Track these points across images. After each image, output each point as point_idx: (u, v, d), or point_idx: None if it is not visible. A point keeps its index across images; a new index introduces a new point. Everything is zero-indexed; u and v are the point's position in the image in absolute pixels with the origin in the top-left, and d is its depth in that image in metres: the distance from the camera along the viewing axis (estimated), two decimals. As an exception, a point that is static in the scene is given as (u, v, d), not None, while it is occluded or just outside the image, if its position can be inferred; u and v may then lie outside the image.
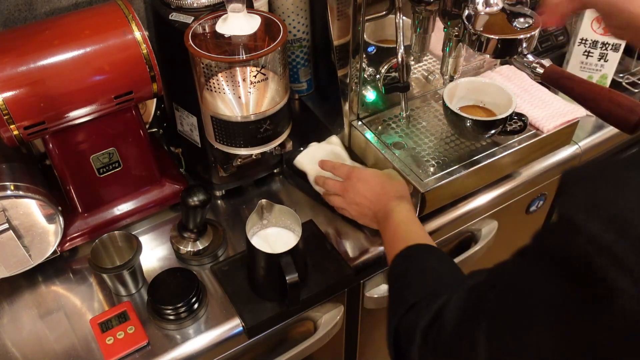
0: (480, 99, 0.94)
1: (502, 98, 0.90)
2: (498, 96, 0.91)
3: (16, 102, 0.69)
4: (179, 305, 0.77)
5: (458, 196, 0.95)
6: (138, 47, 0.75)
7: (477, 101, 0.94)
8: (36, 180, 0.78)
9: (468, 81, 0.93)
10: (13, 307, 0.82)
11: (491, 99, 0.93)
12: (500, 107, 0.91)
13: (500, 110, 0.90)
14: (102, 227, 0.88)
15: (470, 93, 0.94)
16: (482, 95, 0.93)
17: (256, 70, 0.74)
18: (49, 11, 0.88)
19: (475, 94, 0.94)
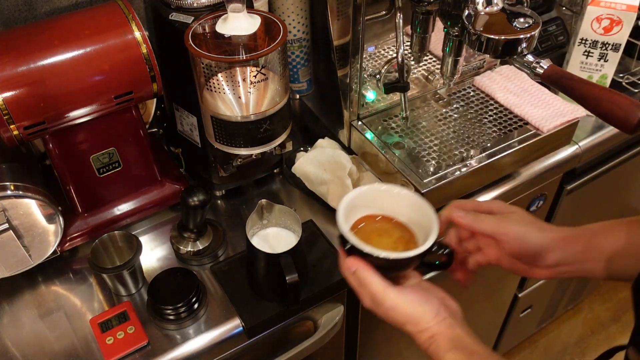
0: (394, 210, 0.65)
1: (422, 214, 0.63)
2: (416, 212, 0.63)
3: (16, 102, 0.69)
4: (179, 305, 0.77)
5: (458, 196, 0.95)
6: (138, 47, 0.75)
7: (391, 211, 0.65)
8: (36, 180, 0.78)
9: (373, 190, 0.65)
10: (13, 307, 0.82)
11: (407, 214, 0.65)
12: (420, 225, 0.63)
13: (421, 229, 0.62)
14: (102, 227, 0.88)
15: (377, 202, 0.65)
16: (396, 207, 0.65)
17: (256, 70, 0.74)
18: (49, 11, 0.88)
19: (385, 203, 0.66)
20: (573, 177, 1.19)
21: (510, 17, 0.78)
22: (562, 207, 1.25)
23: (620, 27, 1.07)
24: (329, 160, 0.95)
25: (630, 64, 1.22)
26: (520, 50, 0.78)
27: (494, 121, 1.00)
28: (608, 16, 1.06)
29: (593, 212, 1.40)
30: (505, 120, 1.00)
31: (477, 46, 0.79)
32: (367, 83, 0.99)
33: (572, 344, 1.88)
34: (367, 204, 0.64)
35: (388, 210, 0.65)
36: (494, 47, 0.78)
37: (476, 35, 0.78)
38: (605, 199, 1.39)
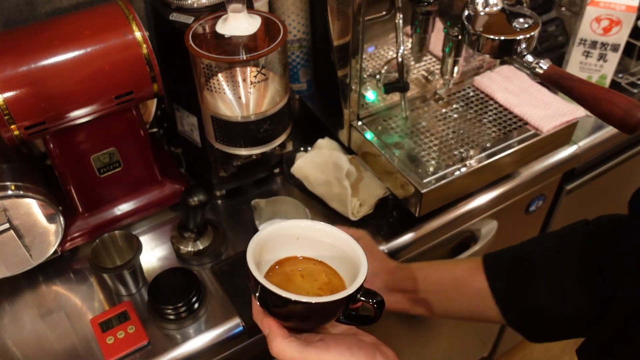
0: (319, 250, 0.56)
1: (349, 254, 0.54)
2: (344, 252, 0.55)
3: (17, 102, 0.69)
4: (179, 305, 0.77)
5: (458, 196, 0.95)
6: (138, 47, 0.75)
7: (316, 252, 0.56)
8: (37, 180, 0.79)
9: (293, 226, 0.56)
10: (14, 307, 0.82)
11: (335, 254, 0.56)
12: (348, 268, 0.54)
13: (349, 273, 0.54)
14: (103, 227, 0.89)
15: (299, 241, 0.57)
16: (322, 246, 0.56)
17: (256, 70, 0.74)
18: (49, 11, 0.89)
19: (308, 242, 0.57)
20: (572, 177, 1.19)
21: (509, 18, 0.78)
22: (562, 207, 1.25)
23: (620, 27, 1.07)
24: (326, 161, 0.95)
25: (629, 64, 1.22)
26: (519, 50, 0.78)
27: (493, 121, 1.00)
28: (607, 17, 1.06)
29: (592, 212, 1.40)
30: (505, 121, 1.00)
31: (477, 46, 0.79)
32: (367, 83, 0.99)
33: (571, 344, 1.88)
34: (287, 243, 0.55)
35: (312, 250, 0.56)
36: (493, 48, 0.78)
37: (476, 36, 0.78)
38: (604, 199, 1.39)
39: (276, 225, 0.55)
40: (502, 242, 1.10)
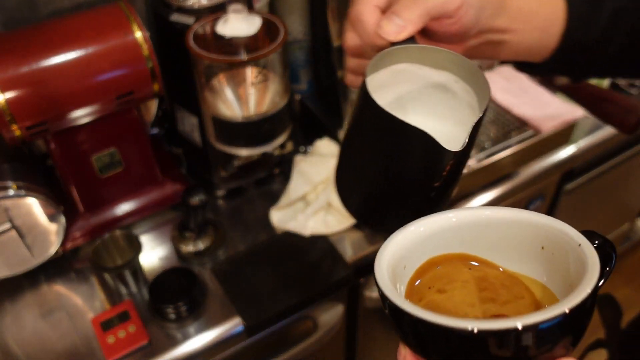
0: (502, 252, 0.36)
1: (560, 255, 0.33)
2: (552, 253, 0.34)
3: (18, 102, 0.70)
4: (179, 305, 0.77)
5: (457, 196, 0.96)
6: (139, 47, 0.75)
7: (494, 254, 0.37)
8: (38, 180, 0.79)
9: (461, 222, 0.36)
10: (15, 307, 0.83)
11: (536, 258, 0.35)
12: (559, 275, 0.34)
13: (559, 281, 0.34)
14: (104, 227, 0.89)
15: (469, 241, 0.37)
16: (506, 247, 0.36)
17: (257, 71, 0.74)
18: (50, 12, 0.89)
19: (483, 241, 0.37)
20: (571, 177, 1.20)
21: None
22: (561, 207, 1.25)
23: (619, 28, 1.07)
24: (322, 180, 0.93)
25: (628, 64, 1.23)
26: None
27: (492, 121, 1.00)
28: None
29: (591, 212, 1.41)
30: (504, 121, 1.00)
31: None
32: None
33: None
34: (444, 245, 0.36)
35: (489, 251, 0.36)
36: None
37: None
38: (603, 199, 1.39)
39: (425, 220, 0.35)
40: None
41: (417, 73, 0.42)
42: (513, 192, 1.04)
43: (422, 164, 0.38)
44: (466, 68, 0.40)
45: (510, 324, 0.26)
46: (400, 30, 0.39)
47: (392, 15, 0.39)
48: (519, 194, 1.06)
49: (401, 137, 0.36)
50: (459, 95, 0.42)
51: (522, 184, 1.04)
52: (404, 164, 0.38)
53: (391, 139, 0.37)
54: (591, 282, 0.28)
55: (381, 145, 0.38)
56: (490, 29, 0.45)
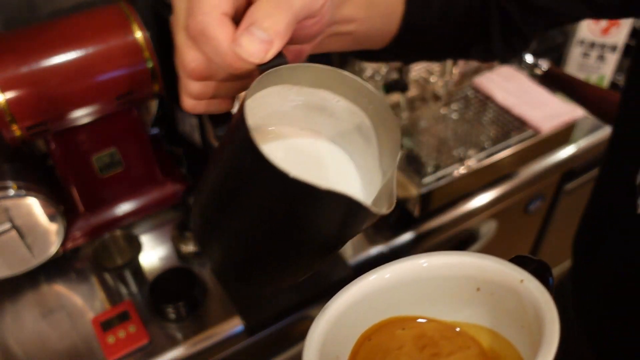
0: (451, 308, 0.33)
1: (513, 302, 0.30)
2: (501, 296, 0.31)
3: (18, 102, 0.70)
4: (179, 304, 0.77)
5: (457, 196, 0.96)
6: (139, 48, 0.75)
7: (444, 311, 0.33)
8: (39, 180, 0.79)
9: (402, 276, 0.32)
10: (16, 306, 0.83)
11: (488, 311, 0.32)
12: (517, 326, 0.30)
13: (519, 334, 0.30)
14: (104, 227, 0.89)
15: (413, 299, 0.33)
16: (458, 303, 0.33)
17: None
18: (50, 12, 0.89)
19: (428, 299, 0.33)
20: (571, 177, 1.20)
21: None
22: (561, 207, 1.25)
23: (618, 28, 1.07)
24: None
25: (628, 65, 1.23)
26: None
27: (492, 121, 1.00)
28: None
29: (591, 212, 1.41)
30: (504, 121, 1.00)
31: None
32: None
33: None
34: (372, 314, 0.32)
35: (422, 306, 0.33)
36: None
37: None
38: (603, 199, 1.40)
39: (367, 278, 0.32)
40: (502, 242, 1.11)
41: (287, 96, 0.34)
42: (513, 192, 1.04)
43: (336, 229, 0.30)
44: (351, 86, 0.33)
45: None
46: (267, 48, 0.30)
47: (252, 29, 0.29)
48: (519, 194, 1.06)
49: (311, 204, 0.27)
50: (339, 116, 0.34)
51: (522, 184, 1.04)
52: (308, 231, 0.30)
53: (298, 207, 0.28)
54: (554, 334, 0.25)
55: (279, 212, 0.29)
56: (338, 21, 0.41)
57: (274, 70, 0.30)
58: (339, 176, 0.34)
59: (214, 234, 0.33)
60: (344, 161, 0.35)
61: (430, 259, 0.31)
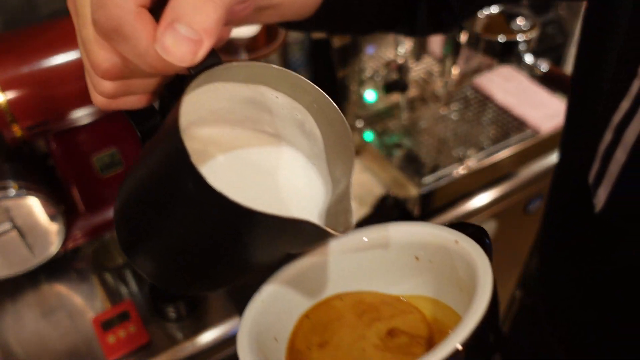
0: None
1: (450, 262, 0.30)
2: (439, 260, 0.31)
3: (19, 102, 0.70)
4: (180, 304, 0.77)
5: (457, 196, 0.96)
6: (140, 48, 0.75)
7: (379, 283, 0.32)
8: (39, 180, 0.79)
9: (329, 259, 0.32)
10: (16, 306, 0.83)
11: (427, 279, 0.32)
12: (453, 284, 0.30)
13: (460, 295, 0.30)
14: (105, 227, 0.89)
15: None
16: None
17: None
18: (51, 12, 0.89)
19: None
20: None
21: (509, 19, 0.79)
22: (560, 207, 1.25)
23: (618, 28, 1.07)
24: None
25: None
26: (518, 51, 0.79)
27: (492, 122, 1.00)
28: (606, 17, 1.07)
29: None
30: (503, 121, 1.00)
31: (476, 47, 0.79)
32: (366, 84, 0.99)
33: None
34: (310, 294, 0.32)
35: (362, 282, 0.32)
36: (493, 49, 0.79)
37: (475, 37, 0.79)
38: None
39: (301, 262, 0.31)
40: (501, 242, 1.11)
41: (221, 92, 0.30)
42: (513, 192, 1.04)
43: (282, 247, 0.28)
44: (292, 83, 0.31)
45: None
46: (196, 49, 0.25)
47: (176, 25, 0.24)
48: (518, 194, 1.07)
49: (257, 228, 0.24)
50: (278, 113, 0.32)
51: (521, 184, 1.04)
52: (253, 250, 0.27)
53: (240, 230, 0.25)
54: (487, 285, 0.25)
55: (216, 233, 0.26)
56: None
57: (208, 73, 0.26)
58: (285, 185, 0.30)
59: (136, 236, 0.30)
60: (288, 164, 0.31)
61: (369, 233, 0.30)
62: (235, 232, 0.24)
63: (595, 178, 0.46)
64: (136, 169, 0.29)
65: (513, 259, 1.09)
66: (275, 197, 0.28)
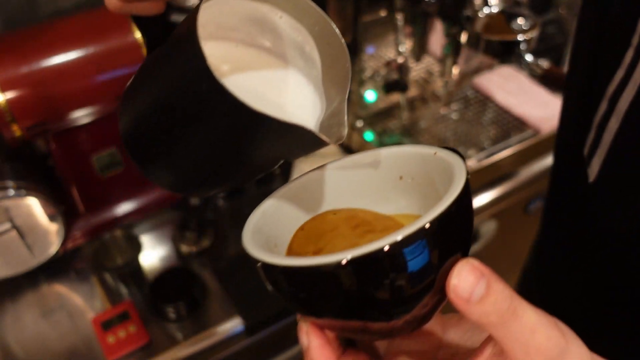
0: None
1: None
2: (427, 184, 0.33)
3: (19, 102, 0.70)
4: (180, 304, 0.77)
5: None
6: (139, 48, 0.75)
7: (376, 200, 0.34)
8: (39, 180, 0.79)
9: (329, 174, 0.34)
10: (16, 307, 0.83)
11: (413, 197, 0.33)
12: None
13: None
14: (104, 227, 0.89)
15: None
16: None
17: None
18: (51, 12, 0.89)
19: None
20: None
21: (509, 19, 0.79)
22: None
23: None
24: None
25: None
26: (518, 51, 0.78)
27: (492, 122, 1.00)
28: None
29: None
30: (504, 121, 1.00)
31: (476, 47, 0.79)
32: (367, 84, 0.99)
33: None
34: (306, 209, 0.33)
35: (352, 202, 0.34)
36: (493, 49, 0.79)
37: (475, 37, 0.79)
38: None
39: (299, 179, 0.33)
40: (502, 242, 1.11)
41: (225, 8, 0.31)
42: (513, 192, 1.04)
43: (284, 152, 0.30)
44: (296, 4, 0.31)
45: (378, 244, 0.23)
46: None
47: None
48: (519, 194, 1.06)
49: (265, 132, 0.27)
50: (280, 32, 0.32)
51: (521, 184, 1.04)
52: (255, 153, 0.29)
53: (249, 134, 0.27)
54: (461, 175, 0.28)
55: (227, 138, 0.28)
56: None
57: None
58: (285, 99, 0.32)
59: (149, 146, 0.32)
60: (288, 81, 0.33)
61: (360, 155, 0.33)
62: (244, 134, 0.27)
63: (590, 148, 0.47)
64: (145, 79, 0.31)
65: (513, 259, 1.09)
66: (278, 108, 0.30)
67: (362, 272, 0.24)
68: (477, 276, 0.24)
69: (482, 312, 0.23)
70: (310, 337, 0.27)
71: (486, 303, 0.23)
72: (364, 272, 0.24)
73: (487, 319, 0.23)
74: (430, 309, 0.27)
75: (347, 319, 0.26)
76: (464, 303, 0.23)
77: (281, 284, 0.27)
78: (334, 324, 0.27)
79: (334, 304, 0.25)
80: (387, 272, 0.24)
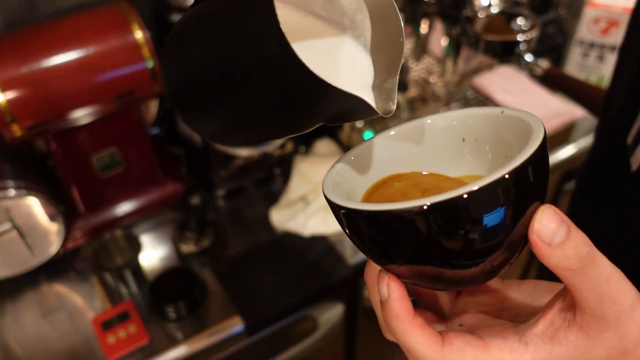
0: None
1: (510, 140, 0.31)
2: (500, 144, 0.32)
3: (19, 103, 0.70)
4: (180, 304, 0.77)
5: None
6: (140, 48, 0.75)
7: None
8: (39, 180, 0.79)
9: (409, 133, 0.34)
10: (16, 306, 0.83)
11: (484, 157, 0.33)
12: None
13: None
14: (104, 227, 0.89)
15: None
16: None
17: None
18: (51, 12, 0.89)
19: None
20: (571, 177, 1.20)
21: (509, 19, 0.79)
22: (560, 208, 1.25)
23: (618, 28, 1.07)
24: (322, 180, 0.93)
25: (627, 64, 1.23)
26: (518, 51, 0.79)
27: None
28: (605, 18, 1.07)
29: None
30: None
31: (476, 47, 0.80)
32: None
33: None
34: (374, 172, 0.34)
35: (419, 166, 0.34)
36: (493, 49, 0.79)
37: (475, 37, 0.79)
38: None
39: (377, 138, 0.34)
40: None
41: None
42: (513, 192, 1.04)
43: (331, 119, 0.32)
44: None
45: (459, 191, 0.24)
46: None
47: None
48: (518, 194, 1.06)
49: (324, 97, 0.28)
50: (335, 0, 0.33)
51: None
52: (305, 117, 0.31)
53: (308, 97, 0.28)
54: (539, 127, 0.27)
55: (288, 98, 0.29)
56: None
57: None
58: (342, 65, 0.33)
59: (198, 98, 0.32)
60: (343, 47, 0.33)
61: (413, 122, 0.33)
62: (302, 99, 0.28)
63: (635, 137, 0.46)
64: (201, 30, 0.30)
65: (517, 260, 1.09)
66: (334, 76, 0.31)
67: (445, 216, 0.25)
68: (558, 221, 0.25)
69: (563, 255, 0.24)
70: (391, 288, 0.28)
71: (567, 247, 0.24)
72: (447, 216, 0.25)
73: (568, 262, 0.24)
74: (503, 260, 0.27)
75: (424, 264, 0.27)
76: (545, 246, 0.25)
77: (363, 229, 0.27)
78: (412, 271, 0.28)
79: (413, 248, 0.26)
80: (471, 216, 0.25)
